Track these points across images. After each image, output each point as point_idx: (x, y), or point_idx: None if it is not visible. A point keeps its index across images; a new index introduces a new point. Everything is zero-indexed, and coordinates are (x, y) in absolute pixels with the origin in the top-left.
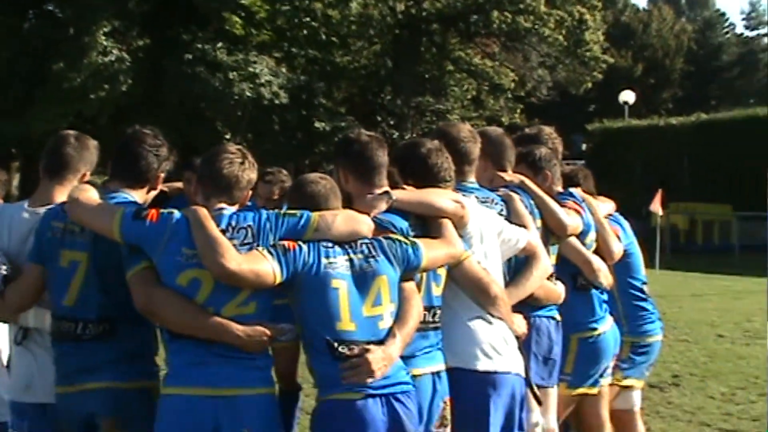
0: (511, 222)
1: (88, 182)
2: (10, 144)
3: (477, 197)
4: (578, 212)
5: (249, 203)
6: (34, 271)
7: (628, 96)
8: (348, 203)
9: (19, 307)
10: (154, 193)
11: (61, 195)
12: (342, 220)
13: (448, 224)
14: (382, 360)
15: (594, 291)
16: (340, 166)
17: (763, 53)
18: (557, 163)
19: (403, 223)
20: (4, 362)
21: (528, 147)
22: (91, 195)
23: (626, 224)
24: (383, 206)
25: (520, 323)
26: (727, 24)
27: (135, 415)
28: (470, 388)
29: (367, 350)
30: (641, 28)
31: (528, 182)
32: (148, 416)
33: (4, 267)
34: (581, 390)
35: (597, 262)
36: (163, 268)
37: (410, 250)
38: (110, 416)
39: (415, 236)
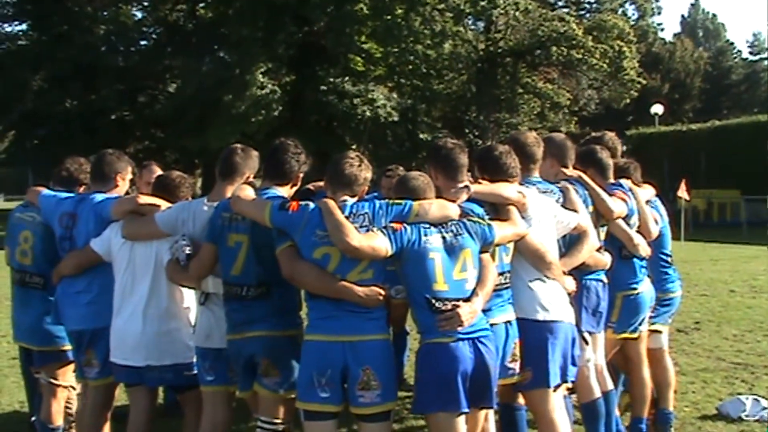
0: (565, 208)
1: (248, 183)
2: (193, 156)
3: (538, 188)
4: (624, 200)
5: (375, 194)
6: (209, 249)
7: (657, 108)
8: (438, 194)
9: (198, 276)
10: (295, 188)
11: (231, 192)
12: (436, 207)
13: (513, 210)
14: (469, 313)
15: (635, 260)
16: (432, 166)
17: (764, 72)
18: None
19: (479, 210)
20: (193, 321)
21: (589, 147)
22: (249, 193)
23: (662, 209)
24: (464, 197)
25: (569, 283)
26: (735, 51)
27: (284, 356)
28: (533, 333)
29: (458, 306)
30: (668, 56)
31: (584, 176)
32: (294, 356)
33: (188, 248)
34: (624, 335)
35: (637, 238)
36: (302, 245)
37: (486, 229)
38: (266, 356)
39: (489, 219)
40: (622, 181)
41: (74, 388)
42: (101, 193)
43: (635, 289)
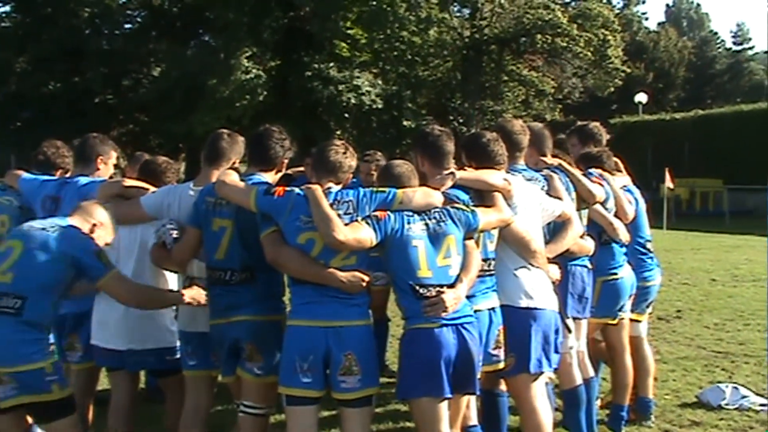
0: (550, 195)
1: (232, 168)
2: (177, 140)
3: (524, 176)
4: (600, 184)
5: (354, 180)
6: (193, 232)
7: (641, 97)
8: (423, 181)
9: (182, 260)
10: (280, 174)
11: (216, 177)
12: (420, 195)
13: (498, 196)
14: (454, 299)
15: (615, 245)
16: (418, 152)
17: (747, 63)
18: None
19: (464, 196)
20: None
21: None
22: (234, 178)
23: (637, 193)
24: (449, 183)
25: (554, 271)
26: (719, 41)
27: (268, 341)
28: (516, 320)
29: (442, 292)
30: (652, 45)
31: (564, 164)
32: (278, 342)
33: (175, 231)
34: (603, 320)
35: (616, 222)
36: (287, 230)
37: (470, 216)
38: (251, 341)
39: (474, 206)
40: (592, 170)
41: None
42: (84, 176)
43: (615, 274)
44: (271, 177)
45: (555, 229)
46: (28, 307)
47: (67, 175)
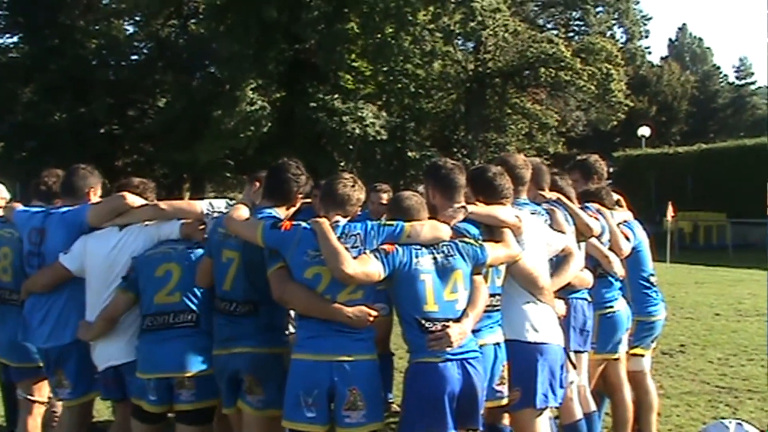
0: (553, 228)
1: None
2: (182, 170)
3: (528, 210)
4: (596, 218)
5: (361, 213)
6: (207, 262)
7: (645, 131)
8: (433, 214)
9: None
10: (293, 209)
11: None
12: (427, 228)
13: (507, 232)
14: (459, 334)
15: (610, 278)
16: (430, 185)
17: (750, 97)
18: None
19: (474, 230)
20: None
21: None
22: (242, 213)
23: (638, 229)
24: (461, 216)
25: (560, 307)
26: (721, 75)
27: (269, 373)
28: (522, 353)
29: (447, 326)
30: (655, 79)
31: (563, 198)
32: (279, 374)
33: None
34: (605, 356)
35: (612, 256)
36: (294, 264)
37: (479, 251)
38: (251, 373)
39: (483, 240)
40: (588, 204)
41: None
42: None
43: (611, 307)
44: (283, 212)
45: (557, 262)
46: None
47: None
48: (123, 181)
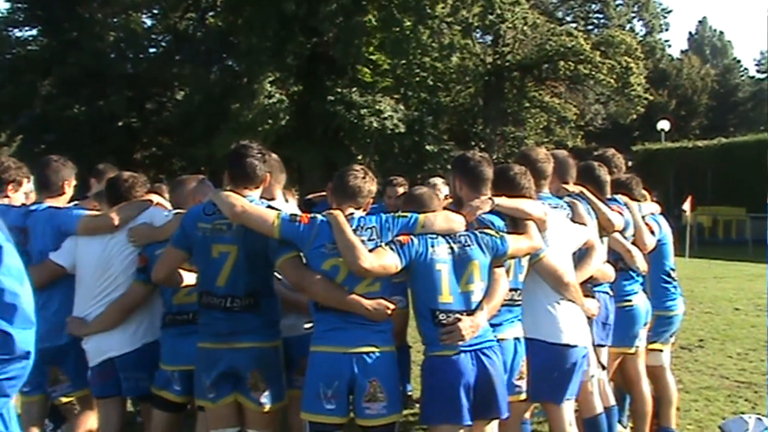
0: (574, 222)
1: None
2: (200, 163)
3: (550, 204)
4: (620, 213)
5: (376, 206)
6: (176, 254)
7: (664, 124)
8: (458, 206)
9: (157, 279)
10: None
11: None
12: (441, 219)
13: (532, 225)
14: (470, 327)
15: (631, 272)
16: (457, 176)
17: None
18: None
19: (499, 222)
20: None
21: (588, 163)
22: (244, 203)
23: (663, 223)
24: (487, 207)
25: (591, 305)
26: (742, 69)
27: (272, 368)
28: (547, 354)
29: (459, 319)
30: (675, 73)
31: (586, 192)
32: (280, 367)
33: None
34: (621, 349)
35: (634, 250)
36: (312, 257)
37: (498, 242)
38: (256, 368)
39: (507, 232)
40: (618, 196)
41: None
42: (48, 200)
43: (629, 300)
44: (257, 194)
45: (579, 255)
46: None
47: (31, 196)
48: (112, 177)
